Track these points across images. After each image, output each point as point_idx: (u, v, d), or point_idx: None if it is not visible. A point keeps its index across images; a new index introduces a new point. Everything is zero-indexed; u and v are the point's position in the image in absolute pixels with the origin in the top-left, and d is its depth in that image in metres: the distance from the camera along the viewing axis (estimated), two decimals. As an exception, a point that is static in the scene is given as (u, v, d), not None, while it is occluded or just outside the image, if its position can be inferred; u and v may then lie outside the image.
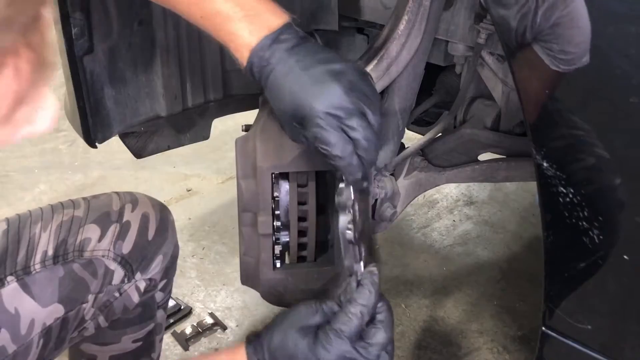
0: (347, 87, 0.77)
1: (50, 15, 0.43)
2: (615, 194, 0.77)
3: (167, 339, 1.72)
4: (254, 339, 0.83)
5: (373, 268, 0.84)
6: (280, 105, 0.79)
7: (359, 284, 0.81)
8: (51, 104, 0.46)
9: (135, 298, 1.04)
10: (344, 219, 0.83)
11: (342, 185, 0.84)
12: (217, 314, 1.82)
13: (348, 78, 0.78)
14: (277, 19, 0.78)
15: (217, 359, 0.91)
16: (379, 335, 0.77)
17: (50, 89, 0.46)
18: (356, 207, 0.84)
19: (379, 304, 0.81)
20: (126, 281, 1.01)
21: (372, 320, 0.79)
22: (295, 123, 0.80)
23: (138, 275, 1.03)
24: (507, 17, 0.77)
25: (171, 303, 1.80)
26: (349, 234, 0.83)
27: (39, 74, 0.43)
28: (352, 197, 0.83)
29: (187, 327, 1.75)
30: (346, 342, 0.74)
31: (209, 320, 1.78)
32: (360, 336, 0.77)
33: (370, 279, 0.82)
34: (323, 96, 0.76)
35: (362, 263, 0.84)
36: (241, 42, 0.78)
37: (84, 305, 0.95)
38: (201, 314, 1.83)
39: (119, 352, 1.11)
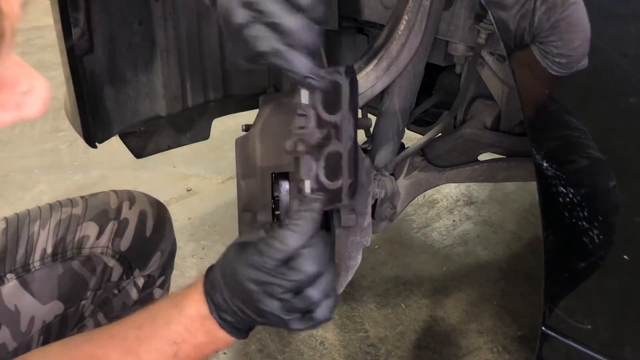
0: None
1: None
2: (615, 193, 0.77)
3: (167, 339, 1.72)
4: (210, 268, 0.74)
5: (318, 196, 0.73)
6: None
7: (301, 203, 0.71)
8: (40, 87, 0.43)
9: (134, 295, 1.04)
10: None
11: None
12: (217, 313, 1.82)
13: None
14: None
15: (173, 296, 0.77)
16: (302, 262, 0.65)
17: (39, 72, 0.44)
18: (311, 112, 0.73)
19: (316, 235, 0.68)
20: (125, 278, 1.01)
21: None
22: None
23: (136, 272, 1.03)
24: (506, 19, 0.77)
25: (171, 303, 1.80)
26: (301, 147, 0.73)
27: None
28: (307, 101, 0.72)
29: (187, 327, 1.75)
30: (261, 263, 0.65)
31: (209, 320, 1.77)
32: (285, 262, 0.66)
33: (310, 204, 0.69)
34: None
35: (307, 182, 0.75)
36: None
37: (83, 302, 0.95)
38: (201, 314, 1.82)
39: None
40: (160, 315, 0.73)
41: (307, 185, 0.74)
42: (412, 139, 1.42)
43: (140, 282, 1.05)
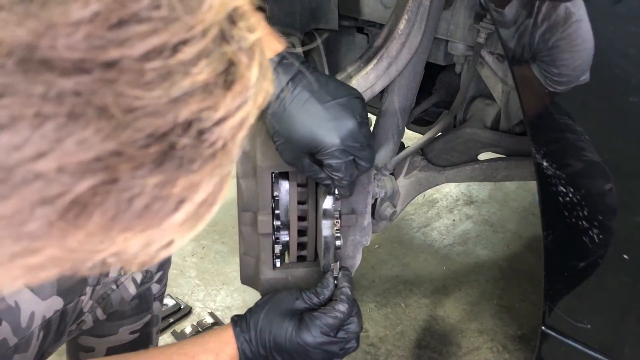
0: (359, 121, 0.86)
1: None
2: (615, 193, 0.77)
3: (167, 339, 1.72)
4: (239, 320, 0.93)
5: (347, 271, 1.00)
6: (293, 134, 0.85)
7: (335, 279, 0.97)
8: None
9: (132, 290, 1.05)
10: (329, 225, 0.97)
11: (329, 196, 0.96)
12: (217, 313, 1.82)
13: (357, 111, 0.87)
14: (279, 43, 0.84)
15: (205, 340, 0.93)
16: (353, 326, 0.93)
17: None
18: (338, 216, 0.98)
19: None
20: (123, 273, 1.02)
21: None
22: (304, 151, 0.87)
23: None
24: (507, 35, 0.77)
25: (171, 302, 1.80)
26: (334, 238, 0.98)
27: None
28: (339, 207, 0.98)
29: (187, 326, 1.75)
30: (328, 332, 0.89)
31: (209, 320, 1.78)
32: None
33: (347, 278, 0.98)
34: (341, 131, 0.84)
35: (337, 263, 0.99)
36: None
37: (82, 297, 0.95)
38: (201, 314, 1.83)
39: (116, 344, 1.12)
40: None
41: (337, 265, 0.99)
42: (412, 138, 1.41)
43: (138, 277, 1.05)
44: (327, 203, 0.97)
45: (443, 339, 1.76)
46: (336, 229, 0.98)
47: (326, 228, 0.98)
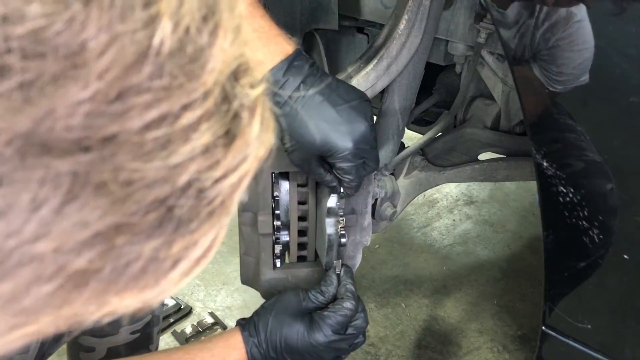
0: (369, 124, 0.87)
1: None
2: (615, 193, 0.77)
3: (167, 339, 1.72)
4: (247, 324, 0.94)
5: (348, 268, 1.02)
6: (305, 137, 0.85)
7: (338, 277, 0.99)
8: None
9: None
10: (333, 223, 0.99)
11: (333, 195, 0.98)
12: (218, 313, 1.82)
13: (368, 114, 0.88)
14: (288, 45, 0.85)
15: (212, 345, 0.93)
16: (360, 322, 0.95)
17: None
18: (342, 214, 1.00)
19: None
20: None
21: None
22: (315, 154, 0.87)
23: None
24: (508, 35, 0.77)
25: (171, 302, 1.80)
26: (338, 236, 0.99)
27: None
28: (343, 205, 0.99)
29: (187, 326, 1.75)
30: (339, 330, 0.92)
31: (209, 320, 1.78)
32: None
33: (349, 274, 1.00)
34: (354, 135, 0.85)
35: (340, 261, 1.00)
36: (255, 61, 0.80)
37: None
38: (201, 314, 1.83)
39: (116, 344, 1.12)
40: None
41: (340, 263, 1.01)
42: (412, 138, 1.42)
43: None
44: (332, 201, 0.99)
45: (443, 339, 1.76)
46: (340, 227, 1.00)
47: (330, 226, 0.99)
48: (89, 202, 0.26)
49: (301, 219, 1.06)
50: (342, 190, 0.95)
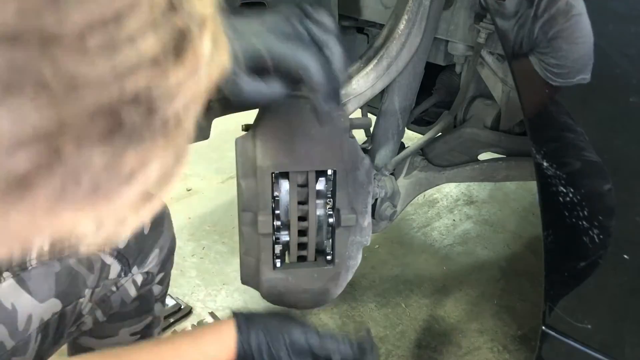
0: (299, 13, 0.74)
1: None
2: (615, 193, 0.77)
3: (167, 339, 1.72)
4: (242, 326, 0.89)
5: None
6: (240, 45, 0.71)
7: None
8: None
9: (133, 292, 1.04)
10: (322, 204, 1.01)
11: (321, 178, 1.00)
12: (218, 313, 1.82)
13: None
14: None
15: (203, 342, 0.88)
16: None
17: None
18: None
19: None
20: (123, 275, 1.01)
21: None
22: (256, 60, 0.72)
23: (135, 269, 1.03)
24: (506, 26, 0.77)
25: (171, 302, 1.80)
26: (327, 216, 1.01)
27: None
28: (331, 188, 0.99)
29: (187, 326, 1.75)
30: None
31: (209, 320, 1.78)
32: None
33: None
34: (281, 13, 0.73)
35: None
36: None
37: (81, 299, 0.95)
38: (201, 314, 1.83)
39: (117, 346, 1.11)
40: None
41: None
42: (412, 138, 1.42)
43: (139, 279, 1.05)
44: (320, 184, 1.03)
45: (443, 339, 1.76)
46: (328, 208, 1.04)
47: (319, 207, 1.04)
48: (29, 98, 0.25)
49: (301, 219, 1.06)
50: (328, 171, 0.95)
